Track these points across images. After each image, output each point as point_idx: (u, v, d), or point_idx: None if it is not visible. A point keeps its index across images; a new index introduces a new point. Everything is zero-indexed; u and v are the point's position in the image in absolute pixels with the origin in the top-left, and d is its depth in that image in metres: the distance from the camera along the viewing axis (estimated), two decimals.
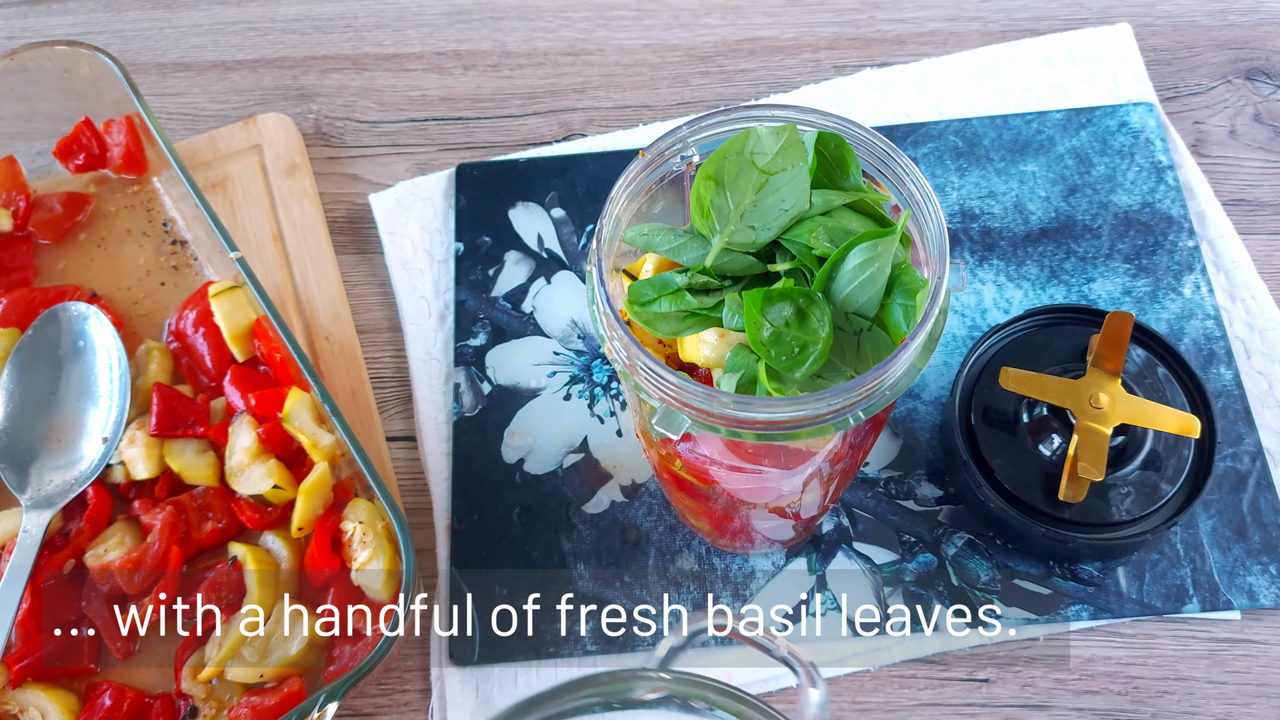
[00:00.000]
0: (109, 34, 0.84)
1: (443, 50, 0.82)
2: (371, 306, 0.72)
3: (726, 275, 0.43)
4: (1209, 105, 0.75)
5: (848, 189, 0.44)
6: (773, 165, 0.41)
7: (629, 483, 0.64)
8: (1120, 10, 0.79)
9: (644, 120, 0.77)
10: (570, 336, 0.69)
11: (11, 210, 0.71)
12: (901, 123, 0.74)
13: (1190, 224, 0.69)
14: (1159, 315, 0.66)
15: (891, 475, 0.63)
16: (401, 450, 0.67)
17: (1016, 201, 0.71)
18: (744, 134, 0.42)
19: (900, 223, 0.42)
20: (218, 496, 0.62)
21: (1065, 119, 0.73)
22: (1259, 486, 0.61)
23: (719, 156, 0.42)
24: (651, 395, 0.41)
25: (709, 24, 0.81)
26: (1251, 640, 0.59)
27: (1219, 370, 0.65)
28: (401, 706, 0.60)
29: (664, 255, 0.44)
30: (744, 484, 0.49)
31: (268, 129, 0.77)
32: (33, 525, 0.60)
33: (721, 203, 0.42)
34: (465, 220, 0.73)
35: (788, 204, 0.42)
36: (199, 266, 0.72)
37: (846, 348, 0.42)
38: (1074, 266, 0.68)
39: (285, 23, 0.84)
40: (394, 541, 0.58)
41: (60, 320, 0.66)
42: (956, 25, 0.80)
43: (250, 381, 0.64)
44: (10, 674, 0.58)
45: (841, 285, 0.41)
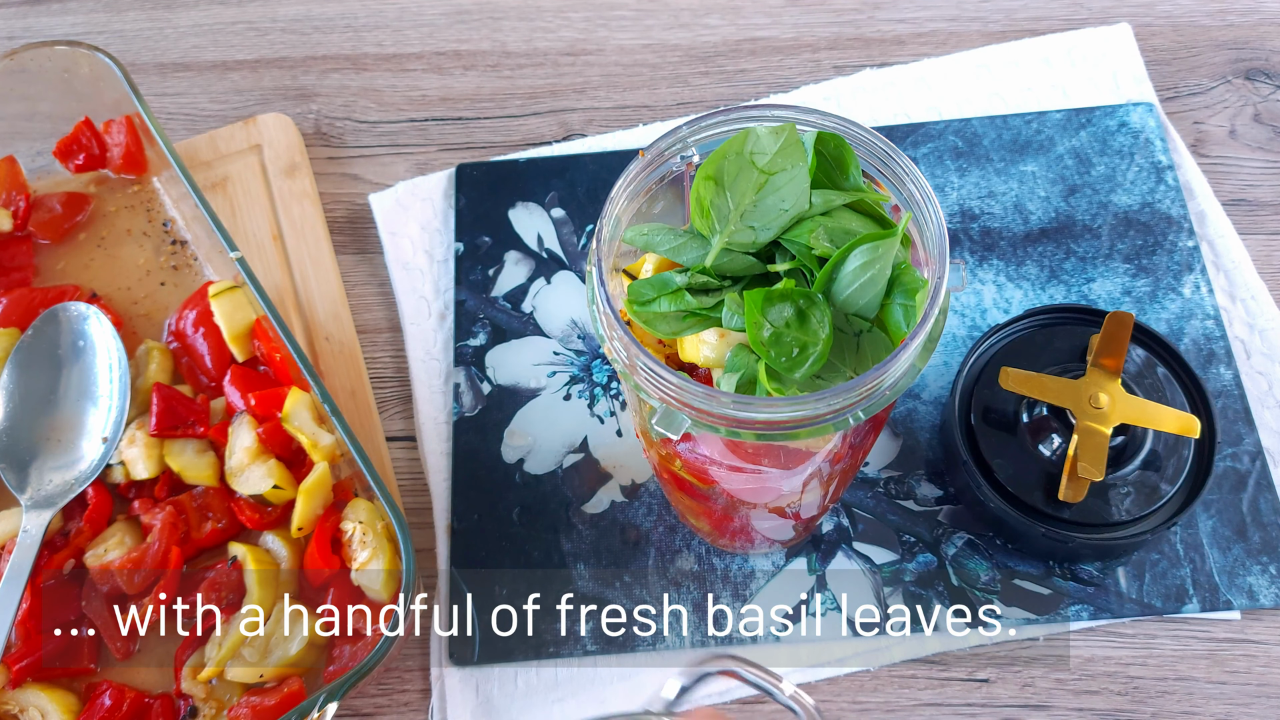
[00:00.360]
0: (109, 34, 0.84)
1: (443, 50, 0.82)
2: (371, 306, 0.72)
3: (726, 275, 0.43)
4: (1209, 105, 0.75)
5: (848, 189, 0.44)
6: (772, 165, 0.41)
7: (629, 483, 0.64)
8: (1120, 10, 0.79)
9: (644, 120, 0.77)
10: (570, 336, 0.69)
11: (11, 210, 0.71)
12: (901, 123, 0.74)
13: (1190, 224, 0.69)
14: (1159, 315, 0.66)
15: (891, 475, 0.63)
16: (401, 450, 0.67)
17: (1016, 201, 0.71)
18: (743, 134, 0.42)
19: (901, 224, 0.42)
20: (218, 496, 0.62)
21: (1065, 119, 0.73)
22: (1259, 486, 0.61)
23: (718, 156, 0.42)
24: (651, 395, 0.41)
25: (709, 24, 0.81)
26: (1251, 640, 0.59)
27: (1219, 370, 0.65)
28: (401, 706, 0.60)
29: (664, 255, 0.44)
30: (744, 484, 0.49)
31: (268, 129, 0.77)
32: (33, 525, 0.60)
33: (721, 203, 0.42)
34: (465, 220, 0.73)
35: (787, 204, 0.42)
36: (199, 266, 0.72)
37: (846, 348, 0.42)
38: (1074, 266, 0.68)
39: (285, 23, 0.84)
40: (394, 541, 0.58)
41: (60, 320, 0.66)
42: (956, 25, 0.80)
43: (250, 381, 0.64)
44: (10, 674, 0.58)
45: (842, 286, 0.41)
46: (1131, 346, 0.61)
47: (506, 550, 0.62)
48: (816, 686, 0.59)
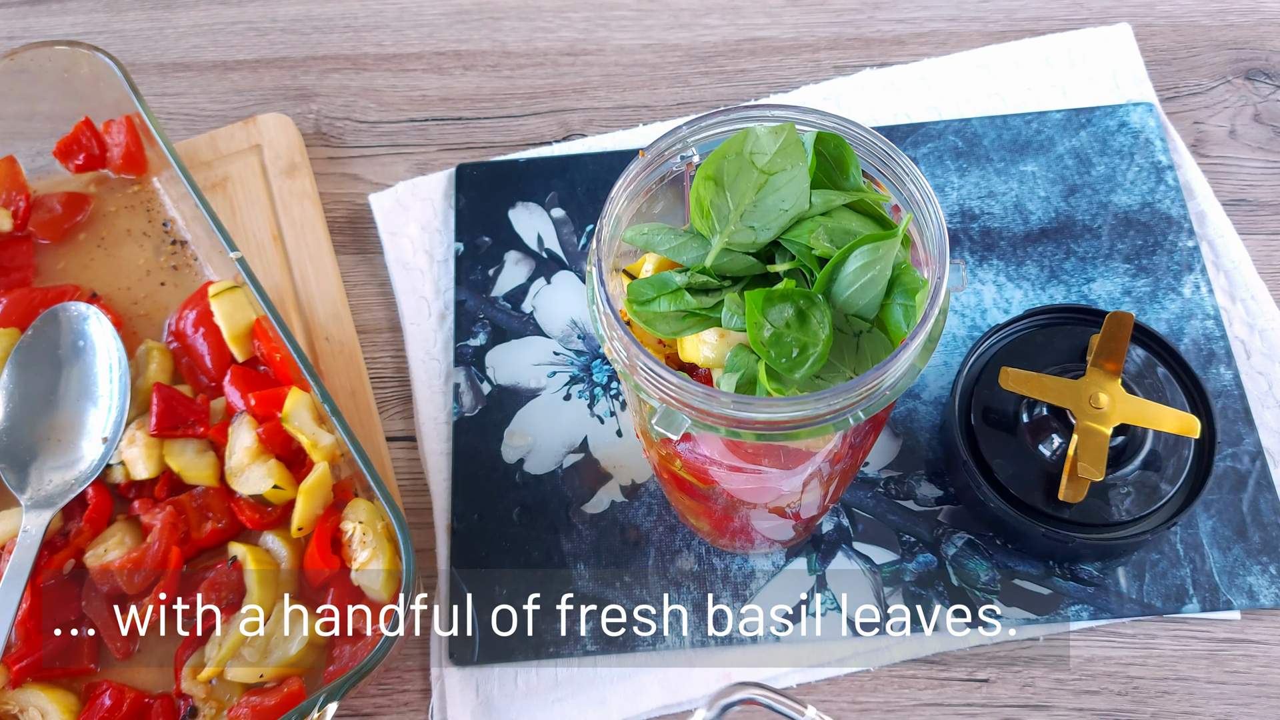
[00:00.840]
0: (109, 34, 0.84)
1: (443, 50, 0.82)
2: (371, 306, 0.72)
3: (726, 275, 0.43)
4: (1209, 105, 0.75)
5: (848, 189, 0.44)
6: (772, 165, 0.42)
7: (629, 483, 0.64)
8: (1120, 10, 0.79)
9: (644, 120, 0.77)
10: (570, 336, 0.69)
11: (11, 210, 0.71)
12: (901, 123, 0.74)
13: (1190, 224, 0.69)
14: (1159, 315, 0.66)
15: (891, 475, 0.63)
16: (401, 450, 0.67)
17: (1016, 201, 0.71)
18: (743, 134, 0.42)
19: (902, 225, 0.42)
20: (218, 496, 0.62)
21: (1065, 119, 0.73)
22: (1259, 486, 0.61)
23: (718, 156, 0.42)
24: (651, 395, 0.41)
25: (709, 24, 0.81)
26: (1251, 640, 0.59)
27: (1219, 370, 0.65)
28: (401, 706, 0.60)
29: (664, 255, 0.44)
30: (744, 484, 0.49)
31: (268, 129, 0.77)
32: (33, 525, 0.60)
33: (721, 203, 0.42)
34: (465, 220, 0.73)
35: (787, 204, 0.42)
36: (199, 266, 0.72)
37: (846, 349, 0.42)
38: (1074, 266, 0.68)
39: (285, 23, 0.84)
40: (394, 541, 0.58)
41: (60, 320, 0.66)
42: (956, 25, 0.80)
43: (250, 381, 0.64)
44: (10, 674, 0.58)
45: (843, 287, 0.41)
46: (1131, 347, 0.61)
47: (506, 550, 0.62)
48: (816, 686, 0.59)
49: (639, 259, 0.47)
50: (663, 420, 0.41)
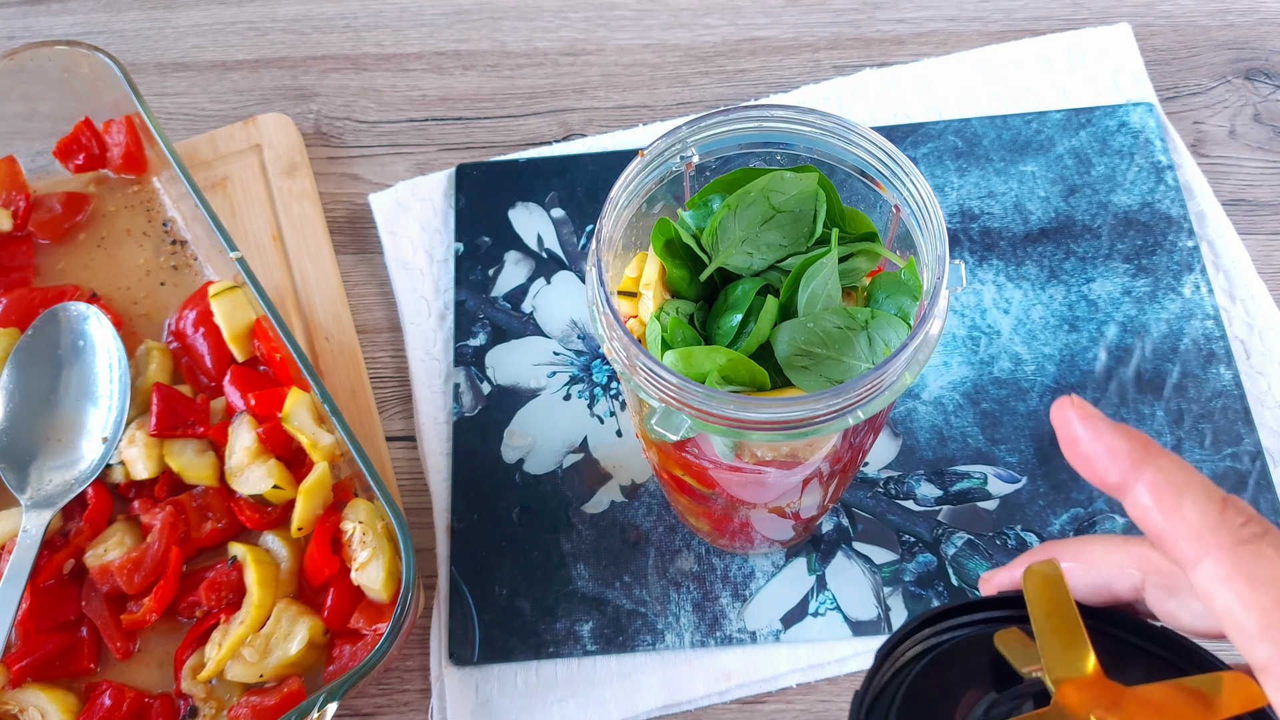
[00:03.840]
0: (109, 34, 0.84)
1: (443, 50, 0.82)
2: (371, 306, 0.72)
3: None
4: (1209, 105, 0.75)
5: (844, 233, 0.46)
6: (784, 205, 0.44)
7: (629, 483, 0.64)
8: (1120, 10, 0.79)
9: (644, 120, 0.77)
10: (570, 336, 0.69)
11: (11, 210, 0.71)
12: (901, 123, 0.74)
13: (1190, 224, 0.69)
14: (1158, 315, 0.66)
15: (891, 475, 0.63)
16: (401, 450, 0.67)
17: (1016, 201, 0.71)
18: (772, 175, 0.44)
19: (834, 241, 0.43)
20: (217, 496, 0.62)
21: (1065, 119, 0.73)
22: (1259, 486, 0.61)
23: (744, 191, 0.44)
24: (651, 395, 0.41)
25: (709, 24, 0.81)
26: None
27: (1219, 370, 0.65)
28: (401, 706, 0.60)
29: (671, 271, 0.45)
30: (744, 484, 0.49)
31: (268, 129, 0.77)
32: (33, 525, 0.60)
33: (730, 225, 0.44)
34: (465, 220, 0.73)
35: (786, 240, 0.44)
36: (199, 266, 0.72)
37: (858, 342, 0.42)
38: (1073, 266, 0.68)
39: (285, 23, 0.84)
40: (394, 541, 0.58)
41: (60, 320, 0.66)
42: (956, 25, 0.80)
43: (250, 381, 0.64)
44: (10, 674, 0.58)
45: (801, 303, 0.43)
46: None
47: (506, 550, 0.62)
48: (816, 686, 0.59)
49: (635, 274, 0.47)
50: (662, 420, 0.41)
